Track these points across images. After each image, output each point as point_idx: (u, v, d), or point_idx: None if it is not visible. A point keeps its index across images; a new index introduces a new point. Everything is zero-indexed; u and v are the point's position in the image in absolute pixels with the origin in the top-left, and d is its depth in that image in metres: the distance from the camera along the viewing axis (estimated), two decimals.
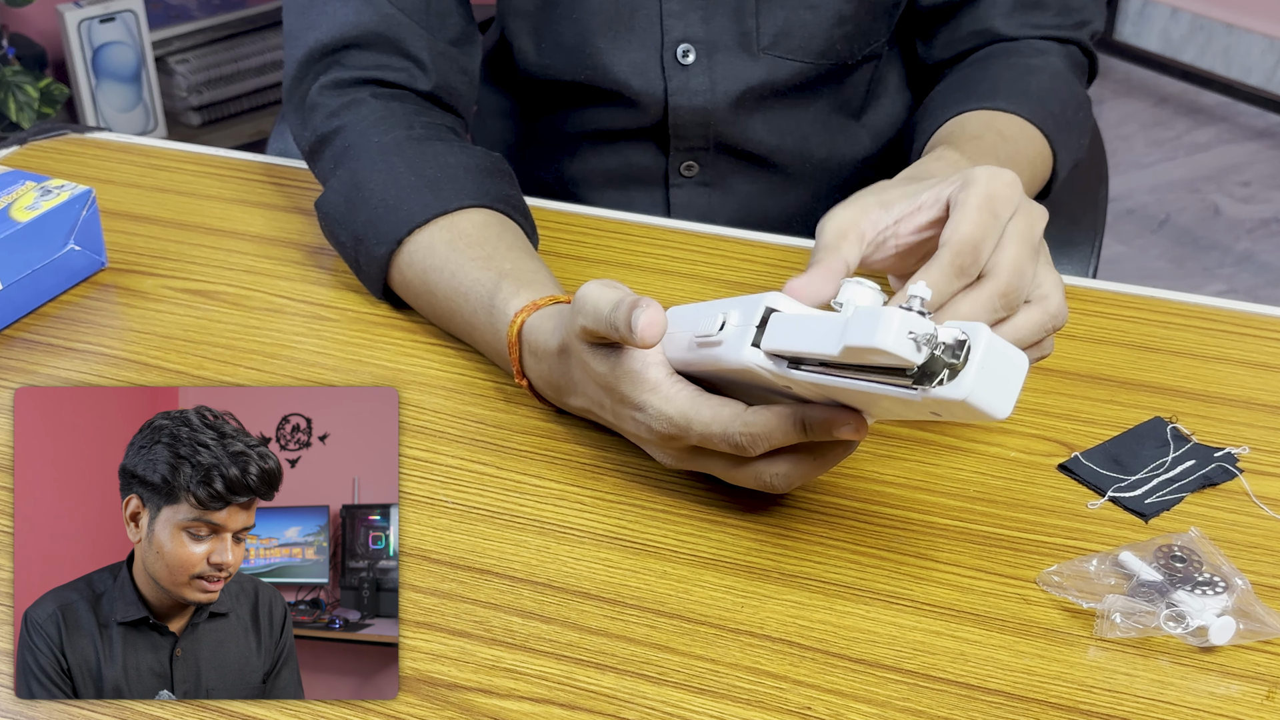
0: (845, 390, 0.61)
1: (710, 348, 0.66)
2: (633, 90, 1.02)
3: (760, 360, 0.63)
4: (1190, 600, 0.65)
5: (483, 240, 0.83)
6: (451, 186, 0.86)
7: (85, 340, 0.86)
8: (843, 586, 0.68)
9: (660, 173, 1.07)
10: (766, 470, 0.67)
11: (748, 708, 0.61)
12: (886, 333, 0.55)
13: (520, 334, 0.76)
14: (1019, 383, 0.58)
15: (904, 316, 0.56)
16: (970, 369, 0.56)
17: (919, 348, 0.56)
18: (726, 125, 1.04)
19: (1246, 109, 2.99)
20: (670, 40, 1.01)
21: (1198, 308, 0.90)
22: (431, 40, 0.94)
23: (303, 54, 0.94)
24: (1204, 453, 0.76)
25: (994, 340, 0.57)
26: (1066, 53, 1.02)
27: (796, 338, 0.62)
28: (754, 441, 0.65)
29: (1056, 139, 0.94)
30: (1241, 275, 2.51)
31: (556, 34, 1.02)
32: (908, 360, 0.56)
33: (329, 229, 0.90)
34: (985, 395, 0.56)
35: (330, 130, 0.91)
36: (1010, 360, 0.57)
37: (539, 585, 0.67)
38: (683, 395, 0.68)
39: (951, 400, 0.56)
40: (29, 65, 2.34)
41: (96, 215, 0.91)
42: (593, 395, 0.72)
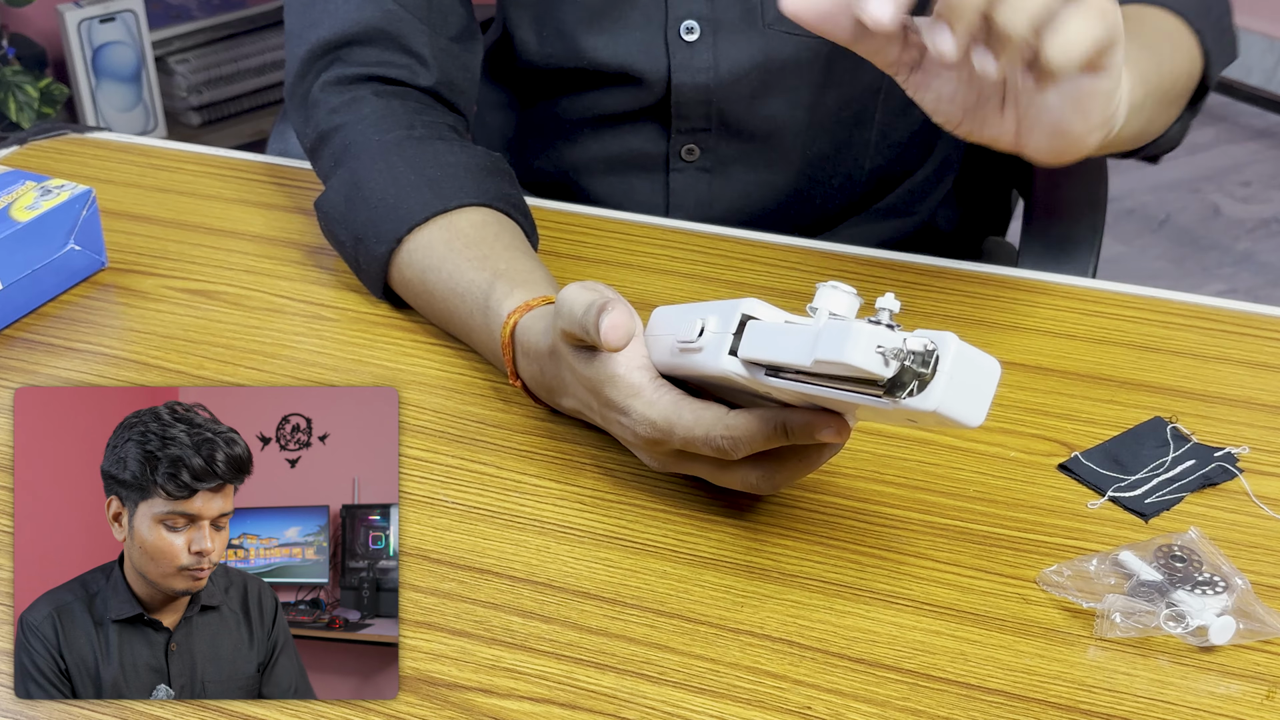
0: (823, 397, 0.61)
1: (691, 354, 0.66)
2: (636, 69, 1.02)
3: (738, 369, 0.64)
4: (1190, 600, 0.65)
5: (480, 240, 0.83)
6: (451, 185, 0.86)
7: (85, 340, 0.86)
8: (843, 586, 0.68)
9: (660, 158, 1.07)
10: (751, 473, 0.67)
11: (748, 707, 0.61)
12: (855, 348, 0.56)
13: (513, 335, 0.77)
14: (991, 390, 0.58)
15: (872, 332, 0.56)
16: (939, 380, 0.56)
17: (886, 362, 0.56)
18: (729, 104, 1.03)
19: (1246, 109, 2.99)
20: (675, 17, 1.01)
21: (1198, 308, 0.90)
22: (433, 36, 0.94)
23: (305, 51, 0.94)
24: (1204, 453, 0.76)
25: (963, 349, 0.57)
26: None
27: (771, 348, 0.62)
28: (735, 445, 0.65)
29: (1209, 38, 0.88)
30: (1241, 275, 2.51)
31: (558, 19, 1.02)
32: (876, 374, 0.56)
33: (328, 228, 0.90)
34: (955, 405, 0.57)
35: (331, 128, 0.91)
36: (981, 368, 0.57)
37: (539, 585, 0.67)
38: (665, 399, 0.68)
39: (922, 411, 0.57)
40: (29, 65, 2.34)
41: (96, 215, 0.91)
42: (581, 397, 0.72)
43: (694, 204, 1.08)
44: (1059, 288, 0.92)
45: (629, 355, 0.69)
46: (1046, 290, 0.92)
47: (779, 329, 0.63)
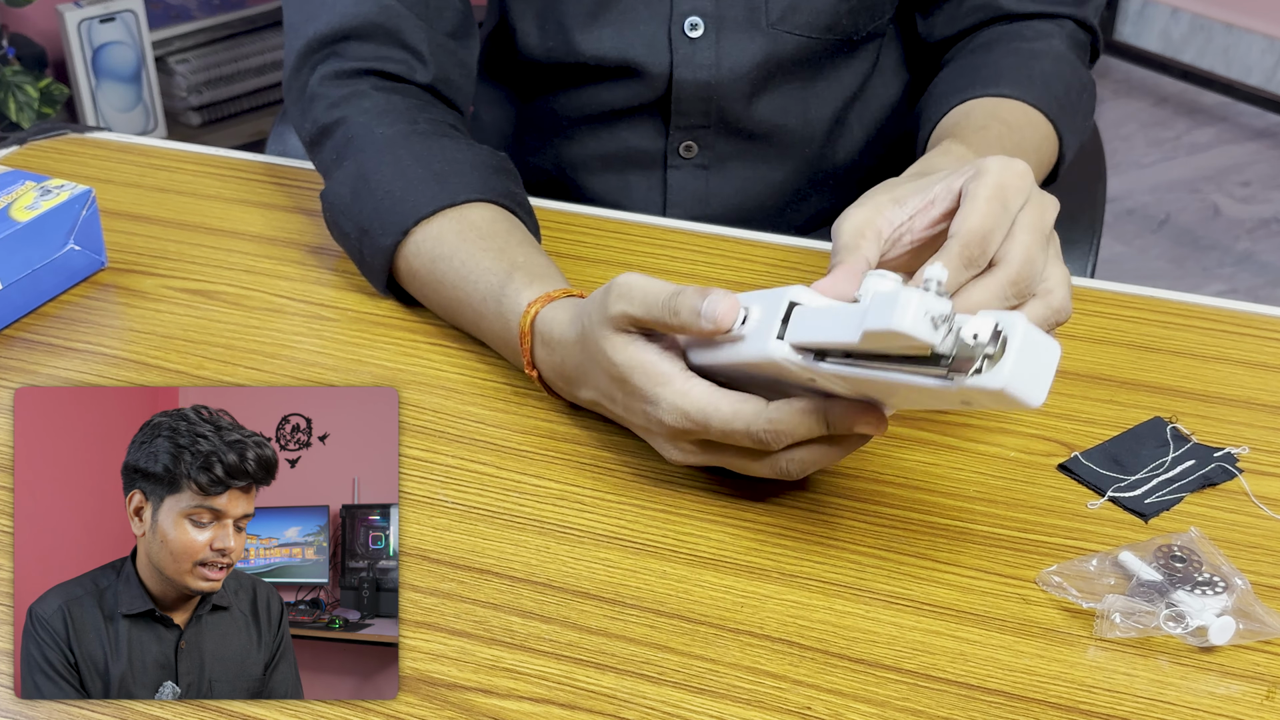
0: (872, 381, 0.61)
1: (733, 343, 0.66)
2: (638, 63, 1.02)
3: (786, 354, 0.64)
4: (1190, 600, 0.65)
5: (493, 233, 0.84)
6: (458, 180, 0.86)
7: (85, 340, 0.86)
8: (843, 586, 0.68)
9: (659, 154, 1.07)
10: (783, 458, 0.68)
11: (748, 708, 0.61)
12: (904, 315, 0.56)
13: (533, 325, 0.77)
14: (1052, 371, 0.58)
15: (921, 298, 0.56)
16: (1009, 359, 0.56)
17: (935, 327, 0.56)
18: (729, 101, 1.04)
19: (1246, 109, 2.99)
20: (679, 13, 1.01)
21: (1198, 308, 0.90)
22: (430, 32, 0.94)
23: (302, 45, 0.94)
24: (1204, 453, 0.76)
25: (1030, 330, 0.57)
26: (1068, 33, 1.02)
27: (819, 329, 0.62)
28: (777, 437, 0.66)
29: (1061, 123, 0.95)
30: (1241, 275, 2.51)
31: (561, 13, 1.03)
32: (926, 341, 0.56)
33: (333, 220, 0.90)
34: (1022, 385, 0.57)
35: (332, 121, 0.91)
36: (1045, 349, 0.58)
37: (539, 585, 0.67)
38: (699, 390, 0.68)
39: (988, 390, 0.57)
40: (29, 65, 2.34)
41: (96, 215, 0.91)
42: (603, 388, 0.72)
43: (691, 201, 1.08)
44: None
45: (663, 346, 0.70)
46: None
47: (826, 311, 0.63)
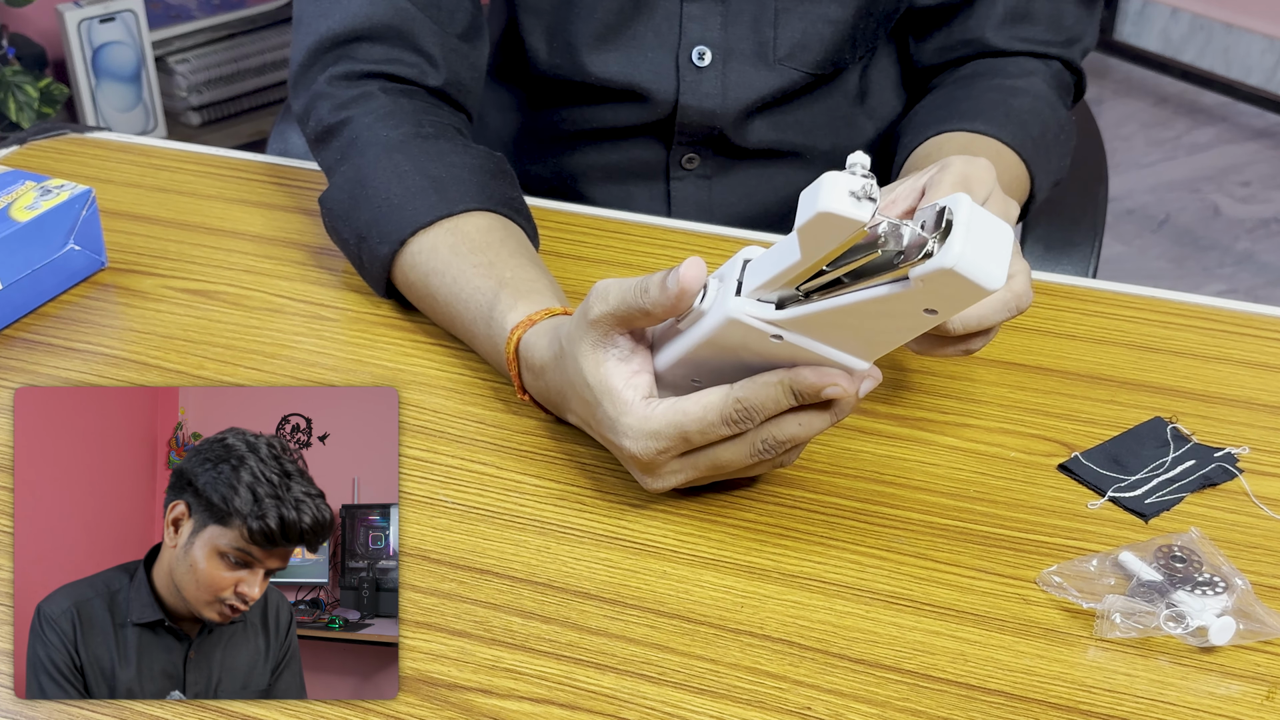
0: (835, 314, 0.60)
1: (697, 322, 0.66)
2: (644, 88, 1.02)
3: (747, 308, 0.63)
4: (1190, 600, 0.65)
5: (485, 245, 0.83)
6: (457, 188, 0.86)
7: (85, 340, 0.86)
8: (843, 586, 0.68)
9: (661, 166, 1.07)
10: (758, 437, 0.67)
11: (748, 708, 0.61)
12: (829, 196, 0.55)
13: (518, 351, 0.76)
14: (1007, 252, 0.57)
15: (838, 176, 0.55)
16: (956, 234, 0.55)
17: (859, 201, 0.55)
18: (732, 128, 1.04)
19: (1246, 109, 2.99)
20: (688, 41, 1.01)
21: (1198, 308, 0.90)
22: (443, 35, 0.94)
23: (313, 41, 0.93)
24: (1204, 453, 0.76)
25: (976, 208, 0.56)
26: (1054, 73, 1.02)
27: (768, 267, 0.62)
28: (748, 413, 0.66)
29: (1035, 163, 0.95)
30: (1241, 275, 2.51)
31: (570, 33, 1.02)
32: (854, 217, 0.55)
33: (332, 225, 0.90)
34: (973, 263, 0.56)
35: (338, 121, 0.91)
36: (995, 229, 0.57)
37: (539, 585, 0.67)
38: (660, 406, 0.68)
39: (940, 272, 0.56)
40: (29, 65, 2.34)
41: (96, 215, 0.91)
42: (581, 413, 0.72)
43: (695, 210, 1.08)
44: (1059, 287, 0.92)
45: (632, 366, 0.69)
46: (1046, 290, 0.92)
47: (773, 251, 0.62)
